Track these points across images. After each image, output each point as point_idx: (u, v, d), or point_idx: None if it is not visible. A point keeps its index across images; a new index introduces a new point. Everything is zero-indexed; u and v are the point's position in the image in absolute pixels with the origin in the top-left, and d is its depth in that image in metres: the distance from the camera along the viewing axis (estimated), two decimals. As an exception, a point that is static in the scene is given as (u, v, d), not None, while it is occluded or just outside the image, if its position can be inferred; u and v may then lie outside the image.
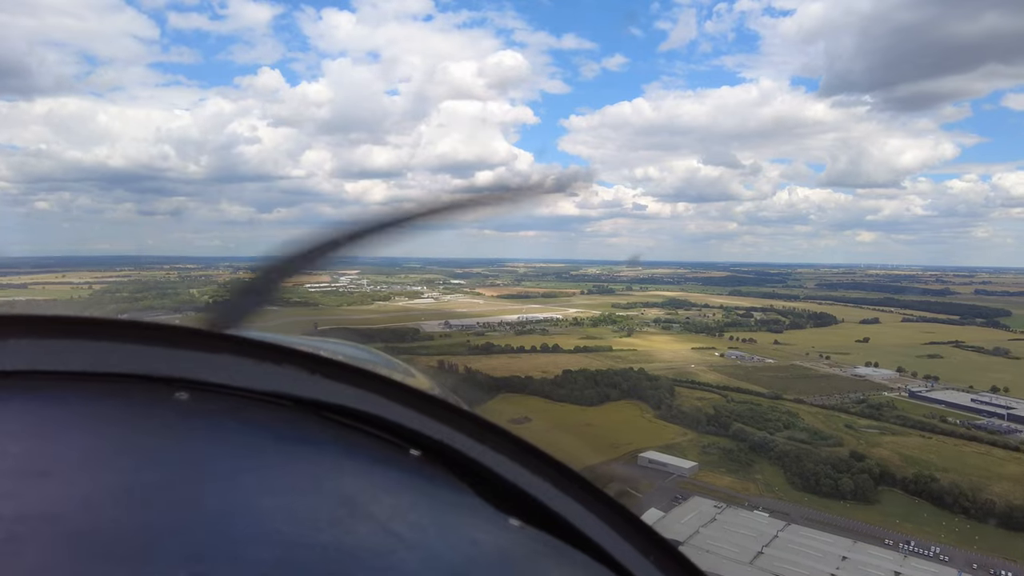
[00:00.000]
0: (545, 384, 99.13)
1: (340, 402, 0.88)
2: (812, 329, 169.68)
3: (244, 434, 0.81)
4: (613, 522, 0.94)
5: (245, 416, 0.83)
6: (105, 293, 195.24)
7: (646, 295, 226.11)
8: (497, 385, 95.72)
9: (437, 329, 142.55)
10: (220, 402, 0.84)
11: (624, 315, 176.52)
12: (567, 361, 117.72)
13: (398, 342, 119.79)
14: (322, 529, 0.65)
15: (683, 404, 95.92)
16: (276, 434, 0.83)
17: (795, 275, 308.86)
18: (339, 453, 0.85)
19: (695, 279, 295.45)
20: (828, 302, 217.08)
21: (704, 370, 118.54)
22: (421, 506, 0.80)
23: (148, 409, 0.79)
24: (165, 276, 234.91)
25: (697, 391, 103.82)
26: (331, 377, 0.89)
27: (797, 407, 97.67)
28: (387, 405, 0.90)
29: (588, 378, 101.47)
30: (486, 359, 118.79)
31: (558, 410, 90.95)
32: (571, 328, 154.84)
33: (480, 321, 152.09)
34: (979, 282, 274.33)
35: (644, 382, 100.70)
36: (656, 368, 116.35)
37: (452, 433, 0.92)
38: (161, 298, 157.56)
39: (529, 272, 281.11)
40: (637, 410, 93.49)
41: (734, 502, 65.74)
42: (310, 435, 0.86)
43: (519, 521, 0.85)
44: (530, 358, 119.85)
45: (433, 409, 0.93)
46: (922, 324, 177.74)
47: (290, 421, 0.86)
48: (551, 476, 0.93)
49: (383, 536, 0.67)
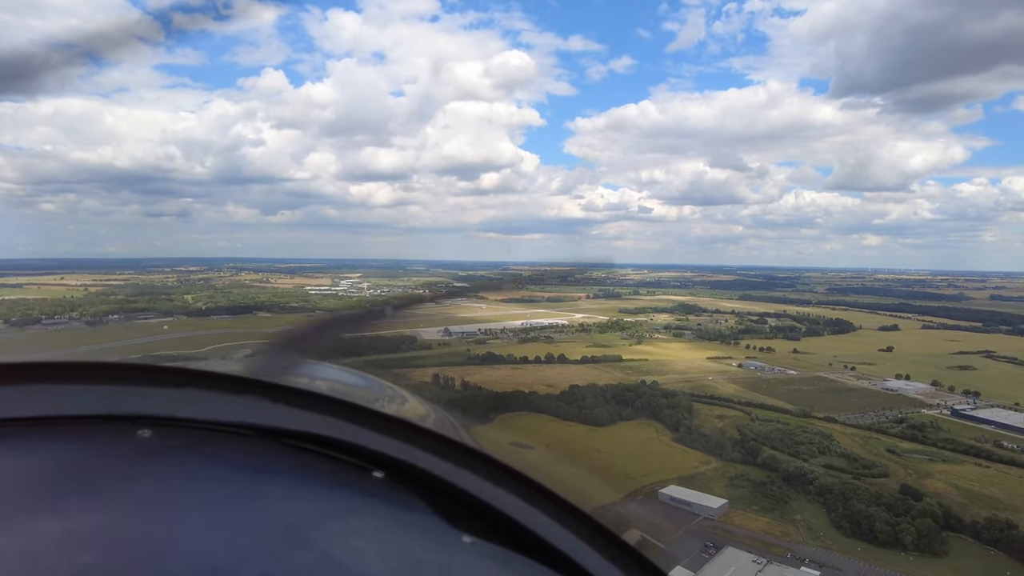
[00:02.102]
0: (550, 401, 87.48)
1: (302, 428, 0.87)
2: (830, 336, 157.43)
3: (201, 467, 0.80)
4: (579, 531, 0.93)
5: (206, 450, 0.82)
6: (99, 296, 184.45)
7: (654, 299, 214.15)
8: (497, 402, 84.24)
9: (435, 336, 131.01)
10: (183, 437, 0.83)
11: (633, 321, 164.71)
12: (574, 373, 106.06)
13: (390, 352, 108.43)
14: (257, 560, 0.64)
15: (703, 424, 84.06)
16: (234, 466, 0.82)
17: (804, 279, 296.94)
18: (295, 480, 0.83)
19: (702, 283, 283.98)
20: (842, 307, 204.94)
21: (722, 382, 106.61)
22: (368, 529, 0.79)
23: (110, 449, 0.78)
24: (164, 280, 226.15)
25: (717, 407, 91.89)
26: (293, 404, 0.88)
27: (829, 427, 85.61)
28: (348, 428, 0.89)
29: (597, 394, 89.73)
30: (487, 370, 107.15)
31: (564, 431, 79.26)
32: (577, 335, 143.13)
33: (482, 328, 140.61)
34: (992, 287, 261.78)
35: (660, 399, 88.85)
36: (671, 381, 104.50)
37: (416, 452, 0.91)
38: (153, 302, 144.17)
39: (533, 275, 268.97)
40: (653, 432, 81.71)
41: (774, 552, 53.91)
42: (268, 464, 0.84)
43: (472, 537, 0.83)
44: (534, 369, 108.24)
45: (396, 429, 0.92)
46: (944, 332, 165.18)
47: (250, 451, 0.85)
48: (516, 489, 0.92)
49: (319, 563, 0.66)
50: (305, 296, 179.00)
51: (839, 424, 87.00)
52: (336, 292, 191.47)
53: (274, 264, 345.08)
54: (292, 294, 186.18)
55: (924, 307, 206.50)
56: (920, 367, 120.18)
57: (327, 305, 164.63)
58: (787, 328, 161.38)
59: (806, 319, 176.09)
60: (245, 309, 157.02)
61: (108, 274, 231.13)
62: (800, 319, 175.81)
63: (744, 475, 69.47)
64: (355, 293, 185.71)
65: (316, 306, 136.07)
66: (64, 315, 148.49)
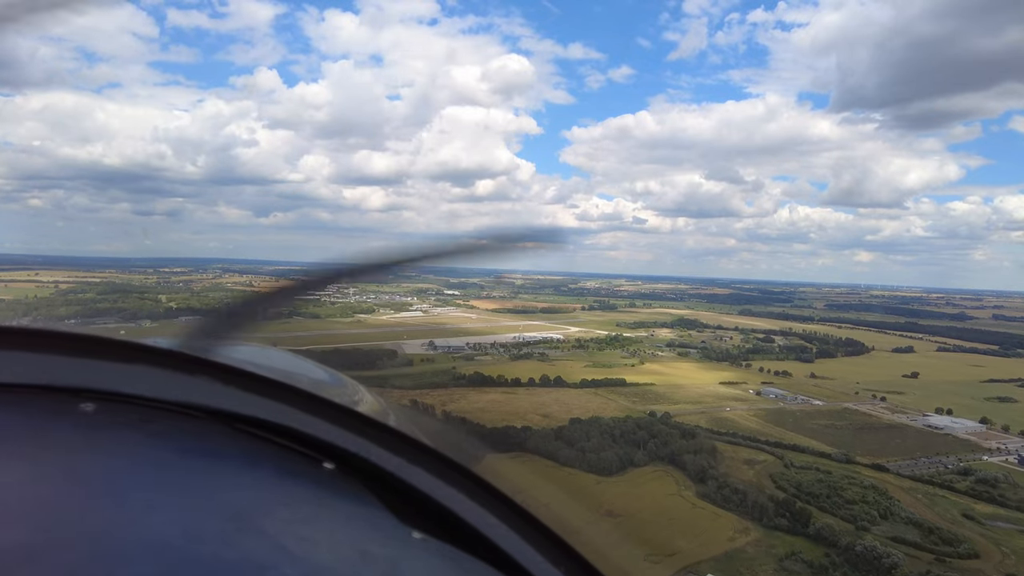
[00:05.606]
0: (548, 438, 69.57)
1: (253, 414, 0.83)
2: (844, 358, 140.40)
3: (148, 447, 0.76)
4: (528, 535, 0.90)
5: (152, 428, 0.78)
6: (67, 293, 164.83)
7: (652, 312, 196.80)
8: (485, 439, 66.14)
9: (419, 351, 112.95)
10: (129, 414, 0.78)
11: (633, 336, 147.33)
12: (574, 400, 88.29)
13: (366, 369, 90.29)
14: (206, 543, 0.61)
15: (731, 473, 66.48)
16: (182, 447, 0.78)
17: (800, 294, 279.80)
18: (244, 465, 0.80)
19: (698, 295, 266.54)
20: (847, 325, 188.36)
21: (743, 414, 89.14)
22: (319, 519, 0.75)
23: (49, 421, 0.73)
24: (143, 279, 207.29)
25: (743, 449, 74.30)
26: (246, 388, 0.84)
27: (880, 478, 68.21)
28: (301, 417, 0.85)
29: (603, 431, 72.01)
30: (474, 394, 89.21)
31: (565, 479, 61.44)
32: (575, 352, 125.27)
33: (470, 342, 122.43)
34: (991, 306, 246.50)
35: (677, 439, 71.20)
36: (684, 412, 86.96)
37: (368, 445, 0.87)
38: (121, 302, 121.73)
39: (527, 284, 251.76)
40: (671, 483, 64.05)
41: None
42: (217, 447, 0.80)
43: (421, 534, 0.80)
44: (528, 395, 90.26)
45: (349, 421, 0.88)
46: (962, 355, 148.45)
47: (200, 433, 0.80)
48: (467, 489, 0.89)
49: (268, 550, 0.63)
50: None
51: (891, 474, 69.58)
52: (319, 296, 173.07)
53: (262, 267, 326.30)
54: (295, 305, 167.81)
55: (931, 327, 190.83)
56: (955, 398, 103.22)
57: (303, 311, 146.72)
58: (797, 348, 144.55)
59: (814, 338, 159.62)
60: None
61: (89, 272, 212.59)
62: (808, 337, 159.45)
63: (796, 553, 51.71)
64: (340, 299, 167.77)
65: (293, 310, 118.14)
66: (15, 317, 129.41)
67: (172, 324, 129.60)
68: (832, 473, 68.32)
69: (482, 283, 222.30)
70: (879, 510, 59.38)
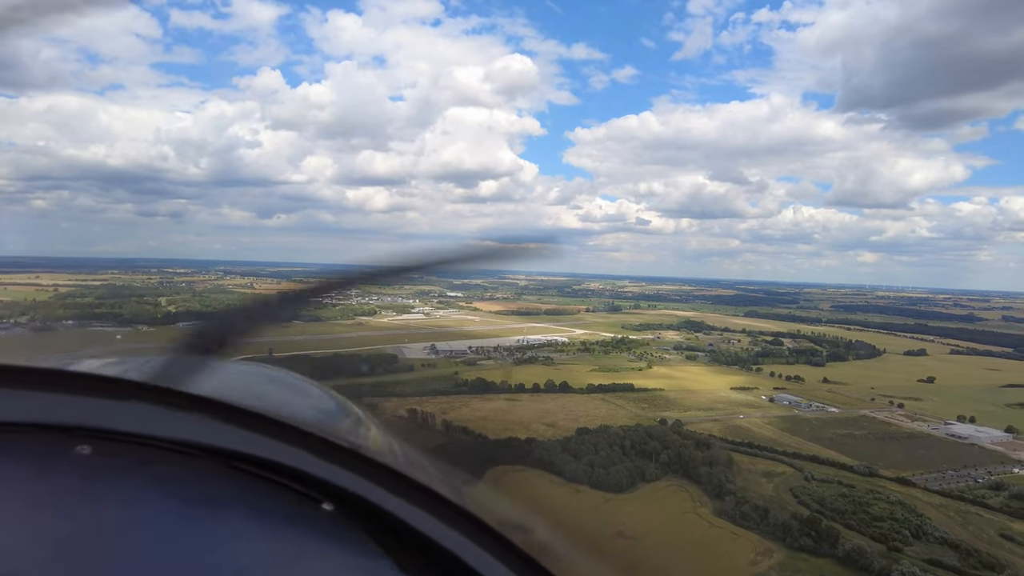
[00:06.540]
0: (554, 451, 65.03)
1: (252, 452, 0.81)
2: (857, 362, 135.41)
3: (149, 493, 0.72)
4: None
5: (150, 472, 0.75)
6: (66, 297, 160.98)
7: (658, 314, 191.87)
8: (487, 451, 62.04)
9: (420, 355, 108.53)
10: (127, 455, 0.75)
11: (639, 339, 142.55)
12: (581, 407, 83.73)
13: (365, 376, 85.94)
14: None
15: (750, 487, 61.87)
16: (182, 496, 0.75)
17: (805, 295, 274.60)
18: (245, 512, 0.77)
19: (703, 297, 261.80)
20: (856, 327, 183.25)
21: (757, 422, 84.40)
22: (318, 573, 0.74)
23: (44, 467, 0.69)
24: (145, 281, 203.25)
25: (760, 460, 69.67)
26: (245, 426, 0.82)
27: (907, 493, 63.51)
28: (301, 455, 0.83)
29: (612, 442, 67.37)
30: (476, 402, 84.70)
31: (572, 499, 56.92)
32: (580, 356, 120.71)
33: (473, 345, 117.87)
34: (999, 307, 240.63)
35: (691, 450, 66.49)
36: (696, 420, 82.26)
37: (369, 485, 0.85)
38: (120, 306, 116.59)
39: (530, 285, 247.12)
40: (687, 499, 59.45)
41: None
42: (218, 493, 0.78)
43: None
44: (532, 402, 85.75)
45: (350, 460, 0.85)
46: (976, 358, 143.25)
47: (199, 476, 0.78)
48: (469, 532, 0.86)
49: None
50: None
51: (919, 489, 64.84)
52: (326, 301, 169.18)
53: (265, 268, 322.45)
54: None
55: (941, 328, 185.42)
56: (975, 404, 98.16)
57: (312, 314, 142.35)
58: (807, 351, 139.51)
59: (823, 340, 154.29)
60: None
61: (91, 274, 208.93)
62: (817, 340, 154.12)
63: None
64: (340, 301, 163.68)
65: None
66: (10, 320, 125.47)
67: (169, 330, 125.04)
68: (855, 487, 63.64)
69: (485, 284, 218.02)
70: (910, 528, 54.71)
